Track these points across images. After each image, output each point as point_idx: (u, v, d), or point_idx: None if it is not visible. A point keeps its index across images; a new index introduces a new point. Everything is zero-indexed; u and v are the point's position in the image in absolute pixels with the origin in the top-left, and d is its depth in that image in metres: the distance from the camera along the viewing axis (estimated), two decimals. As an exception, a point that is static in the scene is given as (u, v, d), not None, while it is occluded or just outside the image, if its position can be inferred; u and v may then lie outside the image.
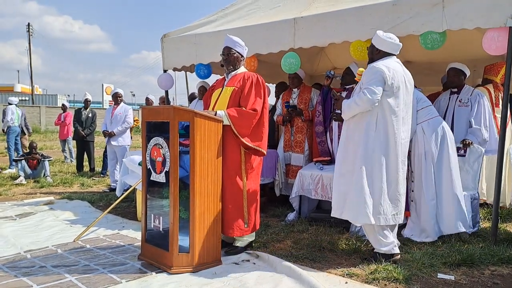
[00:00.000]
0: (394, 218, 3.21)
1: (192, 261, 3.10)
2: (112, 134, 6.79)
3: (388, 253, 3.22)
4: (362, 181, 3.13)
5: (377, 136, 3.14)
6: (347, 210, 3.21)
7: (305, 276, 2.88)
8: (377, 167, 3.14)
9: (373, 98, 3.07)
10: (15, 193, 6.53)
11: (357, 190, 3.14)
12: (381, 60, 3.24)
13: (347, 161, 3.26)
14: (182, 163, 3.16)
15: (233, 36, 3.64)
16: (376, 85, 3.09)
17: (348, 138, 3.29)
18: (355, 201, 3.15)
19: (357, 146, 3.18)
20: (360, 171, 3.14)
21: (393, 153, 3.17)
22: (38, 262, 3.32)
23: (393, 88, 3.12)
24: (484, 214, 4.55)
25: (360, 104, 3.12)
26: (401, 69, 3.24)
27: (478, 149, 4.10)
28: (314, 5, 4.65)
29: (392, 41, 3.26)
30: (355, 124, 3.23)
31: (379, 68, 3.13)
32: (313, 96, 5.25)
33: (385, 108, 3.13)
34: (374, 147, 3.13)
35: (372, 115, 3.14)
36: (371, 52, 3.35)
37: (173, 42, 5.56)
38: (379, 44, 3.28)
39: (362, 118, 3.17)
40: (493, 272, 3.07)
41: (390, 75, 3.11)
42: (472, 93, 4.38)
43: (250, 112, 3.34)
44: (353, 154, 3.21)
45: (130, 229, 4.34)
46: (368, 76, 3.17)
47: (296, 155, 5.24)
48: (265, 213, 4.85)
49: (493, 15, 3.42)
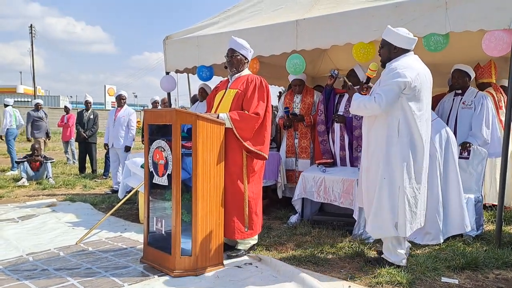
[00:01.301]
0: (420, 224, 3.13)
1: (195, 264, 3.09)
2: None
3: (395, 263, 3.15)
4: (384, 192, 3.00)
5: (400, 142, 2.97)
6: (369, 222, 3.13)
7: (308, 280, 2.87)
8: (400, 176, 2.98)
9: (381, 108, 2.93)
10: (17, 195, 6.54)
11: (378, 202, 3.03)
12: (400, 58, 3.05)
13: (371, 171, 3.13)
14: (184, 165, 3.15)
15: (238, 38, 3.62)
16: (387, 94, 2.92)
17: (370, 146, 3.16)
18: (378, 214, 3.04)
19: (379, 154, 3.03)
20: (382, 182, 3.00)
21: (420, 159, 3.02)
22: (40, 265, 3.31)
23: (415, 91, 2.94)
24: (488, 217, 4.52)
25: (369, 108, 3.02)
26: (424, 68, 3.06)
27: (481, 151, 4.08)
28: (316, 7, 4.64)
29: (409, 36, 3.05)
30: (377, 131, 3.07)
31: (399, 73, 2.92)
32: (316, 100, 5.18)
33: (407, 112, 2.96)
34: (396, 154, 2.97)
35: (393, 120, 2.98)
36: (388, 51, 3.11)
37: (175, 44, 5.56)
38: (396, 41, 3.05)
39: (384, 124, 3.01)
40: (498, 276, 3.05)
41: (413, 78, 2.91)
42: (476, 95, 4.36)
43: (253, 116, 3.33)
44: (375, 163, 3.07)
45: (132, 231, 4.33)
46: (385, 80, 3.00)
47: (303, 161, 5.19)
48: (268, 215, 4.83)
49: (497, 17, 3.41)
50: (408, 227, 3.03)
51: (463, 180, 3.87)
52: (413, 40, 3.09)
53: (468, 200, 3.83)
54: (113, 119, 6.87)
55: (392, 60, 3.09)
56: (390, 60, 3.11)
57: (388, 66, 3.10)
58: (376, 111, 2.99)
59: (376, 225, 3.09)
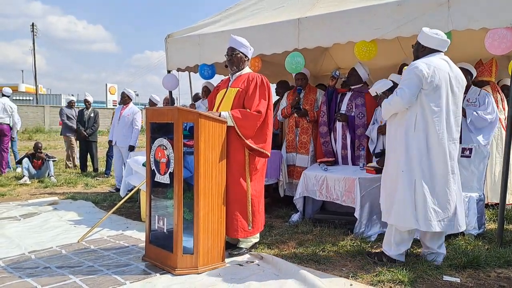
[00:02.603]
0: (440, 224, 3.05)
1: (196, 263, 3.09)
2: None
3: (393, 257, 3.19)
4: (403, 185, 3.05)
5: (416, 137, 3.03)
6: (393, 214, 3.13)
7: (310, 278, 2.87)
8: (418, 169, 3.03)
9: (403, 100, 3.00)
10: (19, 193, 6.55)
11: (399, 194, 3.07)
12: (425, 57, 3.12)
13: (391, 164, 3.20)
14: (186, 164, 3.15)
15: (238, 36, 3.63)
16: (409, 86, 3.00)
17: (390, 140, 3.24)
18: (400, 206, 3.06)
19: (399, 148, 3.10)
20: (402, 175, 3.06)
21: (436, 154, 3.03)
22: (42, 263, 3.32)
23: (432, 85, 2.98)
24: (490, 216, 4.52)
25: (392, 105, 3.09)
26: (446, 66, 3.09)
27: (483, 150, 4.08)
28: (318, 5, 4.64)
29: (439, 37, 3.12)
30: (396, 126, 3.16)
31: (416, 66, 3.01)
32: (319, 97, 5.23)
33: (425, 108, 3.01)
34: (413, 148, 3.03)
35: (411, 115, 3.05)
36: (416, 49, 3.21)
37: (177, 43, 5.56)
38: (424, 41, 3.14)
39: (403, 119, 3.09)
40: (499, 275, 3.04)
41: (429, 73, 2.97)
42: (480, 93, 4.47)
43: (254, 114, 3.33)
44: (395, 157, 3.14)
45: (134, 229, 4.34)
46: (404, 75, 3.10)
47: (301, 156, 5.21)
48: (269, 214, 4.84)
49: (499, 15, 3.40)
50: (425, 223, 3.03)
51: (465, 179, 3.87)
52: (444, 41, 3.14)
53: (470, 199, 3.82)
54: (118, 117, 6.86)
55: (419, 58, 3.15)
56: (417, 59, 3.17)
57: (410, 64, 3.17)
58: (400, 104, 3.05)
59: (401, 217, 3.08)
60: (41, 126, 24.60)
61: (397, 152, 3.13)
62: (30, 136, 19.52)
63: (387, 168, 3.27)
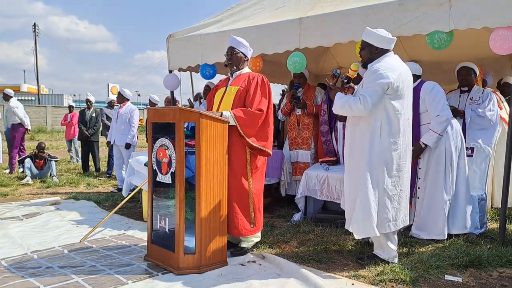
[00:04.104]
0: (403, 221, 3.17)
1: (198, 262, 3.10)
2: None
3: (388, 260, 3.18)
4: (367, 190, 3.00)
5: (381, 143, 3.01)
6: (353, 222, 3.11)
7: (311, 278, 2.87)
8: (383, 172, 3.02)
9: (366, 110, 2.96)
10: (21, 193, 6.57)
11: (362, 201, 3.02)
12: (382, 58, 3.08)
13: (352, 169, 3.15)
14: (188, 163, 3.16)
15: (238, 36, 3.65)
16: (371, 96, 2.95)
17: (352, 144, 3.17)
18: (360, 213, 3.04)
19: (362, 152, 3.04)
20: (365, 180, 3.01)
21: (401, 157, 3.07)
22: (45, 263, 3.33)
23: (398, 91, 2.98)
24: (492, 215, 4.51)
25: (354, 110, 3.02)
26: (405, 67, 3.11)
27: (485, 149, 4.07)
28: (319, 4, 4.63)
29: (389, 37, 3.09)
30: (360, 132, 3.09)
31: (384, 74, 2.95)
32: (318, 94, 5.29)
33: (390, 112, 3.00)
34: (378, 154, 3.01)
35: (376, 122, 3.01)
36: (369, 52, 3.13)
37: (179, 43, 5.56)
38: (377, 42, 3.08)
39: (366, 125, 3.04)
40: (501, 274, 3.04)
41: (395, 79, 2.95)
42: (484, 92, 4.50)
43: (256, 112, 3.34)
44: (358, 161, 3.08)
45: (136, 229, 4.35)
46: (369, 81, 3.01)
47: (303, 151, 5.26)
48: (271, 213, 4.84)
49: (501, 15, 3.39)
50: (391, 224, 3.08)
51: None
52: (393, 40, 3.13)
53: (472, 198, 3.82)
54: (116, 117, 6.88)
55: (374, 60, 3.12)
56: (371, 61, 3.13)
57: (370, 67, 3.11)
58: (361, 112, 3.01)
59: (360, 226, 3.06)
60: (43, 126, 24.67)
61: (361, 157, 3.05)
62: (32, 136, 19.54)
63: (349, 175, 3.21)
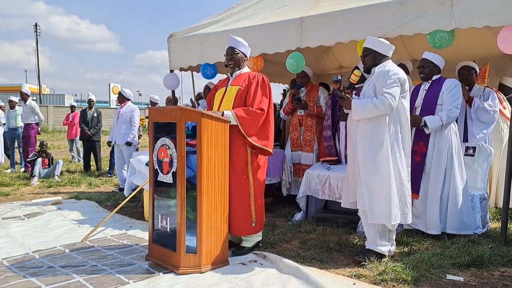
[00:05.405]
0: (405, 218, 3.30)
1: (200, 262, 3.10)
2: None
3: (382, 253, 3.25)
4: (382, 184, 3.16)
5: (392, 137, 3.20)
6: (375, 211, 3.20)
7: (313, 277, 2.87)
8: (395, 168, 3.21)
9: (394, 105, 3.14)
10: (23, 193, 6.58)
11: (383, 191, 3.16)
12: (387, 63, 3.32)
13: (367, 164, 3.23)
14: (189, 163, 3.16)
15: (238, 36, 3.66)
16: (396, 92, 3.16)
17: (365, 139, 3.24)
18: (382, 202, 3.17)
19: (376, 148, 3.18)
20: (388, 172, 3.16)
21: (407, 152, 3.30)
22: (46, 263, 3.34)
23: (405, 90, 3.24)
24: (493, 215, 4.50)
25: (381, 108, 3.14)
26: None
27: (487, 148, 4.07)
28: (320, 4, 4.63)
29: (390, 45, 3.35)
30: (373, 128, 3.22)
31: (396, 72, 3.20)
32: (320, 94, 5.26)
33: (400, 110, 3.24)
34: (393, 149, 3.20)
35: (389, 118, 3.20)
36: (373, 57, 3.34)
37: (180, 42, 5.57)
38: (381, 49, 3.32)
39: (380, 120, 3.19)
40: (503, 273, 3.04)
41: (405, 80, 3.22)
42: (485, 90, 4.49)
43: (257, 111, 3.34)
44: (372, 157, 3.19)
45: (138, 229, 4.35)
46: (385, 81, 3.19)
47: (306, 154, 5.24)
48: (272, 213, 4.84)
49: (502, 14, 3.38)
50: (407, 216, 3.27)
51: (469, 177, 3.86)
52: (393, 47, 3.38)
53: (473, 198, 3.81)
54: (117, 117, 6.89)
55: (378, 65, 3.33)
56: (375, 66, 3.35)
57: (377, 70, 3.30)
58: (389, 109, 3.16)
59: (382, 213, 3.18)
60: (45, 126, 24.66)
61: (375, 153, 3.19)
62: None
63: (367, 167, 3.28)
